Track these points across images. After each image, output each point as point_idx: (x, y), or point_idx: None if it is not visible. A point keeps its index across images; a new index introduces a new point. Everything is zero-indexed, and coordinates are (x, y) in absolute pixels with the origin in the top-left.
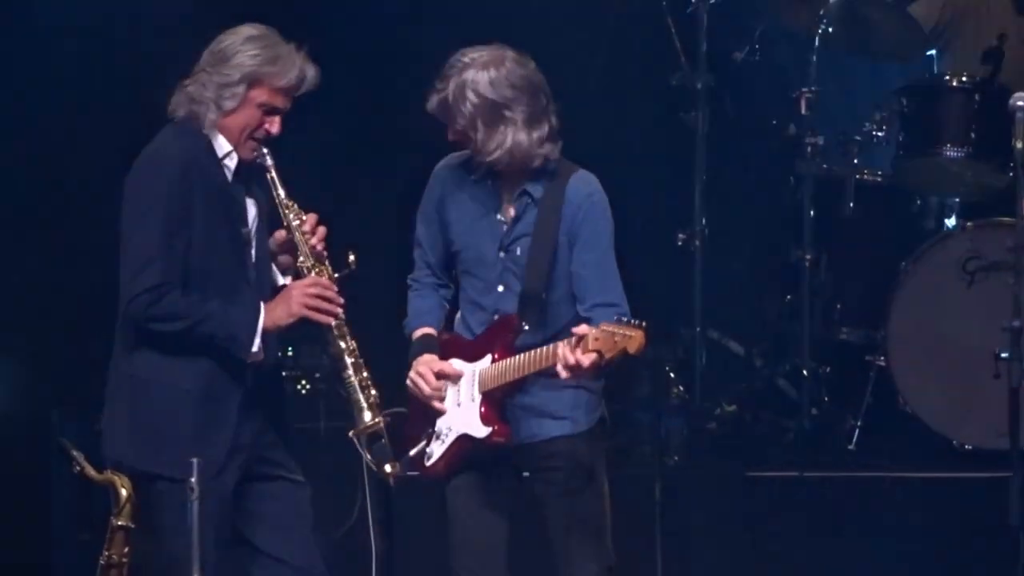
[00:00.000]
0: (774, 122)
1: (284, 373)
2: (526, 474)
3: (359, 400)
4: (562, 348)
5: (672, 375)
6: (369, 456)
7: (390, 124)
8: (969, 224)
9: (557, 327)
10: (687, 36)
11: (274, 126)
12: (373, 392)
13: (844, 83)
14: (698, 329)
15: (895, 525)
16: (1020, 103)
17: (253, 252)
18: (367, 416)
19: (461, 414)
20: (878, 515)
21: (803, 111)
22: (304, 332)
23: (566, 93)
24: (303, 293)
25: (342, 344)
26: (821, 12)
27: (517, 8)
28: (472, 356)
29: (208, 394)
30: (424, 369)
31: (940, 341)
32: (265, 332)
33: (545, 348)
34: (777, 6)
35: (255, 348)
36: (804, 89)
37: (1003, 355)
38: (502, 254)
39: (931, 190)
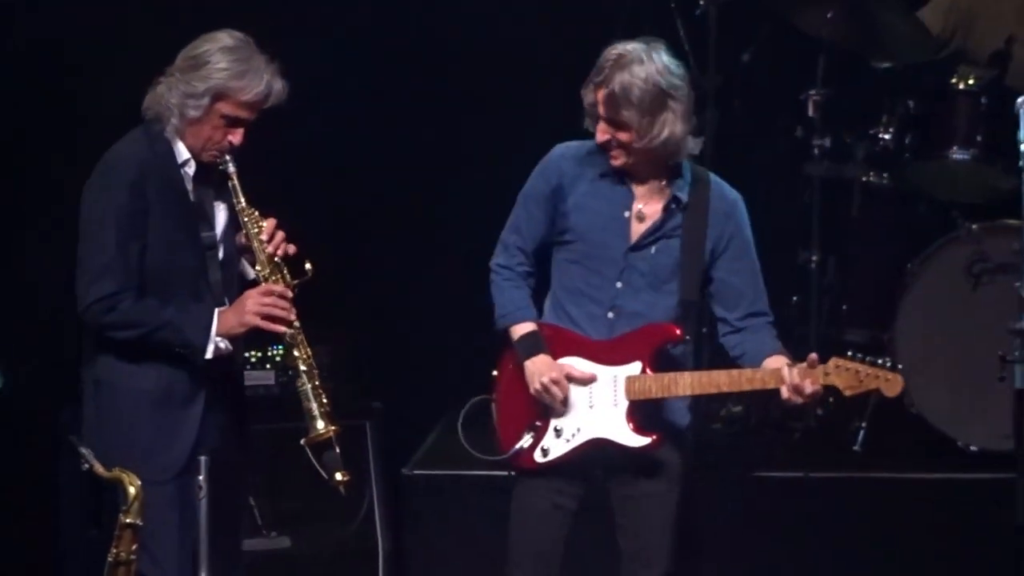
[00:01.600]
0: (781, 124)
1: (292, 372)
2: (599, 473)
3: (311, 409)
4: (794, 375)
5: None
6: (319, 465)
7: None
8: (975, 226)
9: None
10: (695, 38)
11: (236, 137)
12: (325, 401)
13: (851, 85)
14: (704, 330)
15: (901, 526)
16: None
17: (220, 255)
18: (319, 425)
19: (598, 418)
20: (884, 516)
21: (810, 113)
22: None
23: (575, 95)
24: (256, 302)
25: (296, 353)
26: (829, 14)
27: (526, 11)
28: (604, 358)
29: (170, 396)
30: (558, 376)
31: (946, 343)
32: (221, 338)
33: (768, 371)
34: (785, 8)
35: (209, 355)
36: (811, 91)
37: (1009, 357)
38: (629, 252)
39: (937, 192)
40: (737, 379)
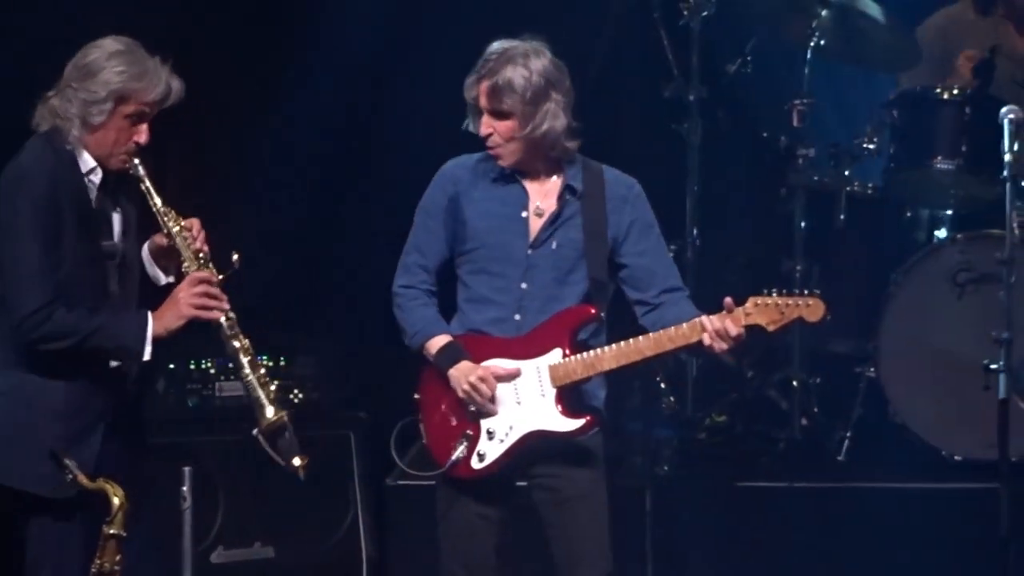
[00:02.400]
0: (766, 134)
1: (276, 382)
2: (521, 483)
3: (259, 397)
4: (713, 320)
5: (663, 385)
6: (275, 452)
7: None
8: (959, 236)
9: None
10: (680, 48)
11: (142, 136)
12: (272, 387)
13: (836, 95)
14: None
15: (885, 536)
16: (1011, 115)
17: (117, 267)
18: (269, 412)
19: (528, 411)
20: (868, 526)
21: (795, 123)
22: (290, 342)
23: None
24: (189, 294)
25: (235, 343)
26: (813, 24)
27: (509, 19)
28: (523, 352)
29: (75, 411)
30: (484, 375)
31: (930, 352)
32: (157, 338)
33: (685, 326)
34: (770, 18)
35: (147, 357)
36: (796, 101)
37: (993, 367)
38: (530, 251)
39: (922, 202)
40: (659, 340)
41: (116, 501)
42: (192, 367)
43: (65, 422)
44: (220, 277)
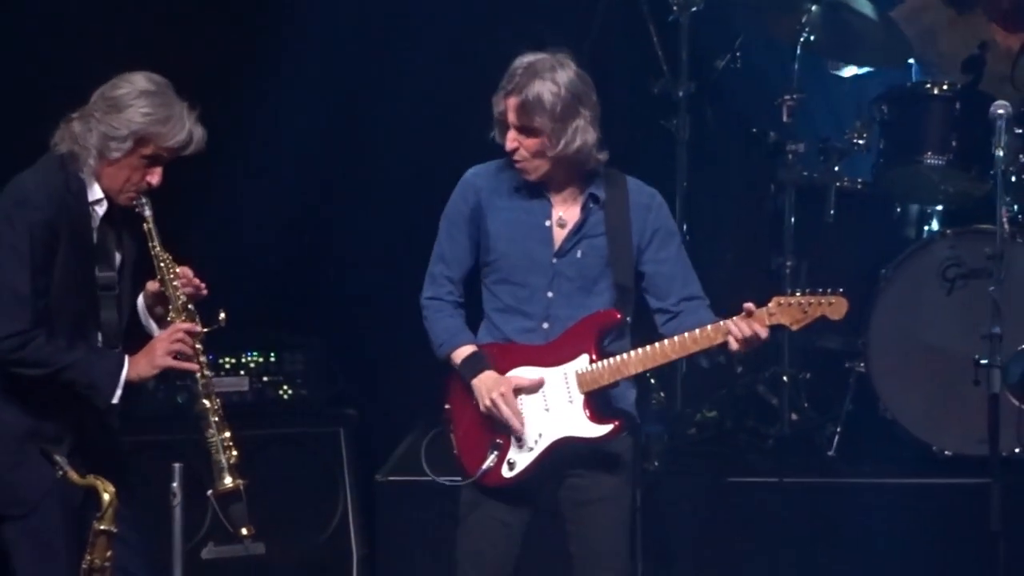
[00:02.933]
0: (755, 130)
1: (266, 379)
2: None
3: (220, 461)
4: (739, 324)
5: (652, 381)
6: (224, 518)
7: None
8: (949, 231)
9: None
10: (669, 44)
11: (155, 177)
12: (234, 453)
13: (825, 90)
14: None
15: (875, 531)
16: (1000, 111)
17: (114, 299)
18: (227, 479)
19: (556, 418)
20: (858, 521)
21: (784, 118)
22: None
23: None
24: (165, 344)
25: (206, 403)
26: (803, 20)
27: (498, 16)
28: (550, 360)
29: (33, 432)
30: (505, 391)
31: (920, 348)
32: (129, 383)
33: (709, 328)
34: (758, 14)
35: (115, 400)
36: (785, 96)
37: (983, 361)
38: (555, 260)
39: (911, 198)
40: (684, 343)
41: (106, 497)
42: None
43: (22, 441)
44: (204, 330)
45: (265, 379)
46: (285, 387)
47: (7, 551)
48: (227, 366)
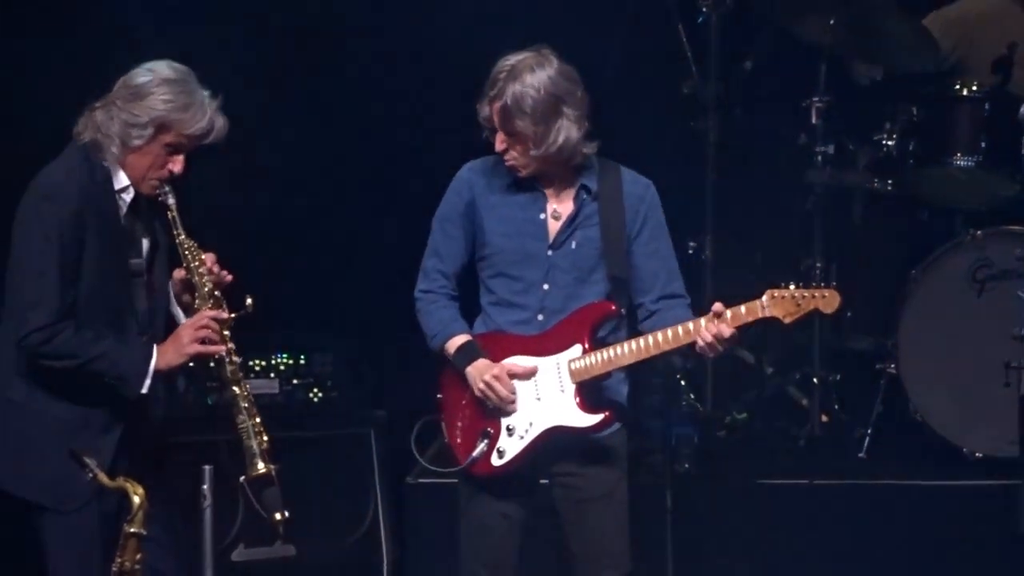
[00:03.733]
0: (784, 131)
1: (296, 381)
2: (544, 481)
3: (251, 447)
4: (709, 323)
5: (683, 383)
6: (258, 504)
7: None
8: (979, 233)
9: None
10: (698, 45)
11: (177, 165)
12: (265, 439)
13: (854, 92)
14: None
15: (905, 533)
16: None
17: (144, 285)
18: (259, 464)
19: (547, 407)
20: (888, 523)
21: (813, 120)
22: (310, 340)
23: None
24: (192, 332)
25: (236, 389)
26: (832, 21)
27: (527, 17)
28: (543, 349)
29: (83, 424)
30: (499, 373)
31: (950, 349)
32: (157, 373)
33: (698, 321)
34: (788, 15)
35: (144, 390)
36: (814, 98)
37: (1013, 363)
38: (550, 252)
39: (941, 199)
40: (676, 334)
41: (136, 500)
42: (212, 365)
43: (71, 434)
44: (232, 316)
45: (295, 381)
46: (315, 389)
47: (43, 544)
48: (257, 368)
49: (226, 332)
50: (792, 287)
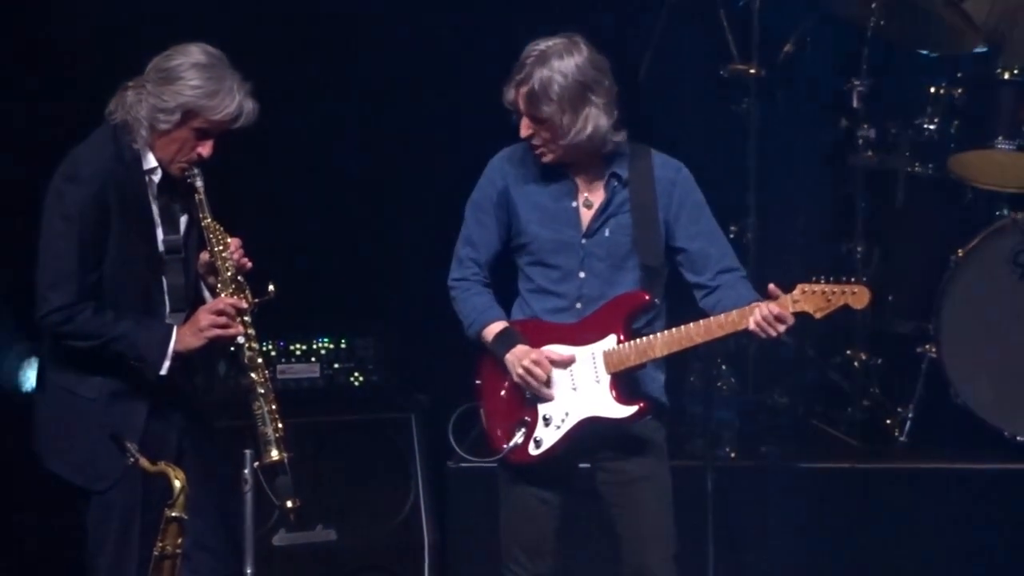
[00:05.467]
0: (825, 115)
1: (336, 365)
2: (584, 465)
3: (266, 433)
4: (764, 308)
5: (724, 367)
6: (270, 490)
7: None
8: (1020, 216)
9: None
10: (739, 28)
11: (205, 149)
12: (280, 426)
13: (896, 75)
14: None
15: (947, 517)
16: None
17: (182, 261)
18: (273, 452)
19: (583, 397)
20: (930, 507)
21: (854, 103)
22: (351, 324)
23: (617, 85)
24: (209, 317)
25: (254, 375)
26: (873, 4)
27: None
28: (579, 339)
29: (113, 403)
30: (538, 357)
31: (991, 333)
32: (177, 355)
33: (735, 313)
34: None
35: (163, 371)
36: (856, 81)
37: None
38: (584, 240)
39: (982, 182)
40: (709, 327)
41: (177, 484)
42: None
43: (100, 415)
44: (255, 302)
45: (336, 366)
46: (356, 373)
47: (87, 527)
48: (297, 352)
49: (246, 318)
50: (823, 282)
